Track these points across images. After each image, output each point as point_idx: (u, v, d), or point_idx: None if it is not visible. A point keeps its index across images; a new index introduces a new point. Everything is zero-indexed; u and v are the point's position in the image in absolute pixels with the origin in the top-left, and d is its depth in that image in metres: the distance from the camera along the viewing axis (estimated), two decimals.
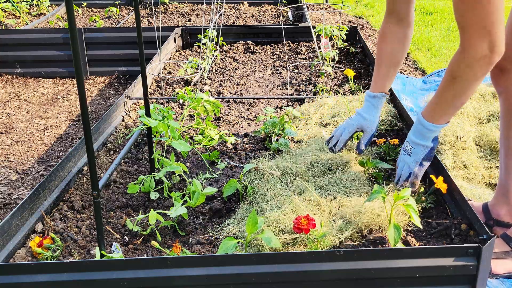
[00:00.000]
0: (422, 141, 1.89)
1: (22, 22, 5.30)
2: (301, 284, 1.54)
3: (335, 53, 3.65)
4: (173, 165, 2.13)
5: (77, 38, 1.37)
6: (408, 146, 1.94)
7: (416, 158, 1.91)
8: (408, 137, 1.95)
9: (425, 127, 1.87)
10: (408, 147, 1.94)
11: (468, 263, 1.53)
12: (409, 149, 1.93)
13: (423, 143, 1.89)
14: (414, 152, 1.92)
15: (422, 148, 1.90)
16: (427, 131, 1.87)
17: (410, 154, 1.93)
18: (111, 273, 1.50)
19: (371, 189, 1.99)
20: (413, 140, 1.92)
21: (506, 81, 1.88)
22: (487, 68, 1.69)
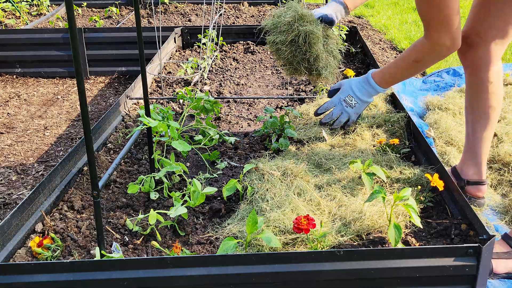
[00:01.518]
0: (367, 98, 2.24)
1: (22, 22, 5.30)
2: (301, 284, 1.54)
3: None
4: (173, 165, 2.13)
5: (77, 38, 1.37)
6: (353, 101, 2.25)
7: (358, 111, 2.28)
8: (353, 93, 2.25)
9: (374, 89, 2.20)
10: (351, 101, 2.26)
11: (468, 263, 1.53)
12: (353, 103, 2.25)
13: (368, 100, 2.25)
14: (358, 106, 2.26)
15: (365, 104, 2.26)
16: (373, 91, 2.21)
17: (353, 107, 2.26)
18: (111, 273, 1.50)
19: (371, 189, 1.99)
20: (359, 97, 2.24)
21: (473, 56, 2.03)
22: (445, 57, 1.96)
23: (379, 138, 2.42)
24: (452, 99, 3.15)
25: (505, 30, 1.95)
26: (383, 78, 2.17)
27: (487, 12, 1.95)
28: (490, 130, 2.10)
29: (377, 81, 2.18)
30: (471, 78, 2.09)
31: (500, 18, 1.94)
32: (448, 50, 1.91)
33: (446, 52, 1.92)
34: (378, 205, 1.88)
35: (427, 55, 1.97)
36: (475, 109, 2.11)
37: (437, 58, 1.98)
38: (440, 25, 1.84)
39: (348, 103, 2.26)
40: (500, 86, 2.06)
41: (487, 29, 1.97)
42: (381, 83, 2.18)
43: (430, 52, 1.95)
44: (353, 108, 2.26)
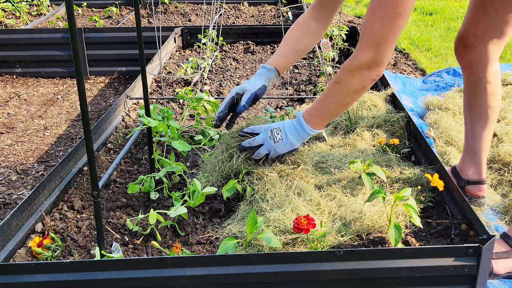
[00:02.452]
0: (294, 140, 1.95)
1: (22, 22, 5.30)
2: (301, 284, 1.54)
3: (335, 53, 3.65)
4: (173, 165, 2.13)
5: (77, 38, 1.37)
6: (278, 135, 1.96)
7: (279, 150, 1.97)
8: (283, 128, 1.97)
9: (304, 129, 1.94)
10: (278, 135, 1.96)
11: (468, 263, 1.53)
12: (277, 138, 1.96)
13: (294, 142, 1.96)
14: (281, 144, 1.96)
15: (289, 146, 1.96)
16: (304, 133, 1.94)
17: (275, 142, 1.96)
18: (111, 273, 1.50)
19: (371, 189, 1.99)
20: (287, 133, 1.96)
21: (470, 57, 2.02)
22: (364, 82, 1.78)
23: (379, 138, 2.42)
24: (452, 99, 3.15)
25: (502, 30, 1.95)
26: (310, 113, 1.93)
27: (483, 12, 1.95)
28: (489, 129, 2.10)
29: (306, 119, 1.93)
30: (469, 78, 2.09)
31: (497, 18, 1.93)
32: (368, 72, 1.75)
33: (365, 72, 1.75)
34: (378, 205, 1.88)
35: (346, 73, 1.80)
36: (473, 109, 2.11)
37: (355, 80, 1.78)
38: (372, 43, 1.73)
39: (274, 135, 1.97)
40: (498, 85, 2.06)
41: (483, 29, 1.97)
42: (309, 121, 1.92)
43: (349, 69, 1.79)
44: (275, 143, 1.96)
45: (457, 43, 2.07)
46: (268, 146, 1.98)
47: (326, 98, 1.90)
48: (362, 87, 1.81)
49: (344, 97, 1.86)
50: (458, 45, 2.07)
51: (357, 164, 1.94)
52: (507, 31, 1.96)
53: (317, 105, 1.93)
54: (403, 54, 4.45)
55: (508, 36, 1.99)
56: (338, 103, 1.89)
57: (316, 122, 1.93)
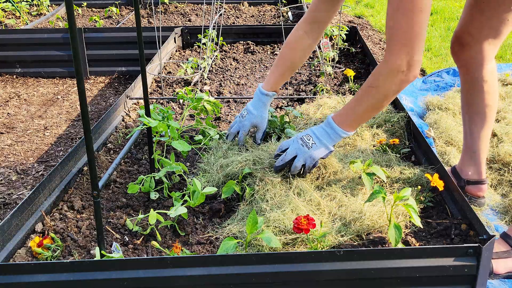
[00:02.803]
0: (328, 143, 1.94)
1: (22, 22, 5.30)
2: (301, 284, 1.54)
3: (335, 53, 3.65)
4: (173, 165, 2.13)
5: (77, 38, 1.37)
6: (310, 140, 1.95)
7: (314, 156, 1.94)
8: (313, 133, 1.96)
9: (336, 132, 1.92)
10: (309, 140, 1.95)
11: (468, 263, 1.53)
12: (310, 144, 1.94)
13: (328, 145, 1.94)
14: (315, 149, 1.94)
15: (324, 149, 1.94)
16: (336, 135, 1.93)
17: (309, 147, 1.94)
18: (111, 273, 1.50)
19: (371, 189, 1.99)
20: (319, 138, 1.95)
21: (466, 56, 2.03)
22: (402, 85, 1.77)
23: (379, 138, 2.42)
24: (452, 99, 3.15)
25: (497, 29, 1.95)
26: (342, 116, 1.93)
27: (479, 12, 1.95)
28: (487, 128, 2.10)
29: (337, 122, 1.92)
30: (465, 77, 2.09)
31: (492, 17, 1.94)
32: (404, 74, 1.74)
33: (401, 76, 1.74)
34: (378, 205, 1.88)
35: (382, 78, 1.79)
36: (471, 109, 2.11)
37: (392, 83, 1.77)
38: (401, 46, 1.71)
39: (305, 141, 1.95)
40: (495, 84, 2.06)
41: (479, 29, 1.97)
42: (341, 123, 1.92)
43: (384, 74, 1.78)
44: (309, 148, 1.93)
45: (453, 42, 2.08)
46: (303, 155, 1.95)
47: (360, 102, 1.88)
48: (398, 90, 1.80)
49: (379, 101, 1.84)
50: (454, 44, 2.07)
51: (357, 164, 1.94)
52: (503, 30, 1.96)
53: (348, 108, 1.91)
54: None
55: (504, 35, 1.99)
56: (372, 106, 1.87)
57: (348, 125, 1.92)
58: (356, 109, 1.90)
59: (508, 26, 1.95)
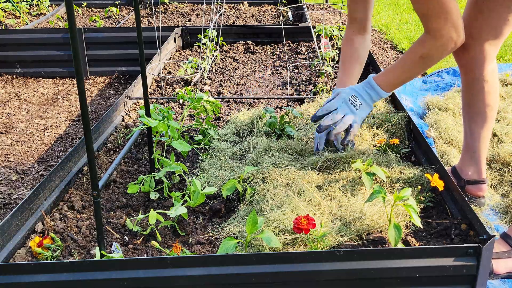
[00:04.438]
0: (371, 102, 2.08)
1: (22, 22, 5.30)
2: (301, 284, 1.54)
3: (335, 53, 3.65)
4: (173, 165, 2.13)
5: (77, 38, 1.37)
6: (357, 101, 2.07)
7: (362, 114, 2.08)
8: (357, 93, 2.08)
9: (377, 92, 2.05)
10: (356, 101, 2.07)
11: (468, 263, 1.53)
12: (358, 104, 2.07)
13: (371, 104, 2.09)
14: (362, 109, 2.07)
15: (369, 108, 2.09)
16: (376, 96, 2.06)
17: (357, 108, 2.07)
18: (111, 273, 1.50)
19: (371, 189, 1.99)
20: (364, 98, 2.07)
21: (467, 56, 2.04)
22: (451, 51, 1.91)
23: (379, 138, 2.42)
24: (452, 99, 3.15)
25: (498, 29, 1.96)
26: (387, 80, 2.05)
27: (479, 12, 1.96)
28: (488, 128, 2.10)
29: (380, 84, 2.05)
30: (466, 77, 2.09)
31: (493, 17, 1.94)
32: (454, 42, 1.86)
33: (452, 44, 1.87)
34: (378, 205, 1.88)
35: (435, 50, 1.89)
36: (472, 108, 2.11)
37: (445, 51, 1.89)
38: (439, 17, 1.81)
39: (353, 103, 2.06)
40: (495, 84, 2.06)
41: (479, 29, 1.97)
42: (385, 86, 2.05)
43: (436, 47, 1.88)
44: (357, 109, 2.06)
45: None
46: (354, 113, 2.06)
47: (407, 69, 1.99)
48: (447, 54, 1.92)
49: (425, 68, 1.98)
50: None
51: (357, 164, 1.94)
52: (503, 30, 1.96)
53: (392, 72, 2.03)
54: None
55: (504, 35, 1.99)
56: (418, 72, 2.01)
57: (390, 87, 2.05)
58: (401, 75, 2.02)
59: (509, 26, 1.95)
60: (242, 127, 2.62)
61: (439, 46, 1.88)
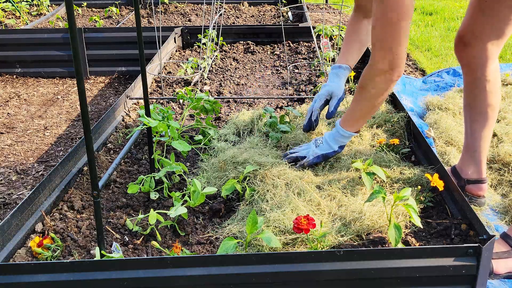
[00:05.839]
0: (331, 143, 2.16)
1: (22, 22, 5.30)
2: (301, 284, 1.54)
3: (335, 53, 3.65)
4: (173, 165, 2.13)
5: (77, 38, 1.37)
6: (319, 141, 2.20)
7: (318, 152, 2.17)
8: (325, 135, 2.20)
9: (338, 131, 2.14)
10: (319, 141, 2.20)
11: (468, 263, 1.53)
12: (319, 143, 2.19)
13: (331, 144, 2.16)
14: (321, 147, 2.17)
15: (328, 147, 2.16)
16: (338, 135, 2.14)
17: (317, 146, 2.19)
18: (111, 273, 1.50)
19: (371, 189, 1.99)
20: (326, 139, 2.18)
21: (469, 56, 2.04)
22: (387, 84, 1.94)
23: (379, 138, 2.42)
24: (452, 99, 3.15)
25: (500, 29, 1.95)
26: (344, 117, 2.13)
27: (482, 11, 1.95)
28: (489, 128, 2.10)
29: (341, 124, 2.13)
30: (468, 77, 2.09)
31: (495, 17, 1.94)
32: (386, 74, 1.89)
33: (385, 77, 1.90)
34: (378, 205, 1.88)
35: (368, 79, 1.96)
36: (473, 108, 2.10)
37: (377, 83, 1.94)
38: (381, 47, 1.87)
39: (317, 142, 2.20)
40: (497, 84, 2.05)
41: (482, 29, 1.97)
42: (343, 124, 2.13)
43: (370, 75, 1.95)
44: (316, 147, 2.18)
45: (457, 42, 2.08)
46: (309, 149, 2.19)
47: (355, 102, 2.07)
48: (385, 88, 1.96)
49: (371, 100, 2.02)
50: (457, 44, 2.07)
51: (357, 164, 1.95)
52: (505, 30, 1.96)
53: (348, 110, 2.12)
54: None
55: (507, 35, 1.98)
56: (366, 106, 2.05)
57: (349, 125, 2.12)
58: (354, 110, 2.10)
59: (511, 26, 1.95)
60: (242, 127, 2.63)
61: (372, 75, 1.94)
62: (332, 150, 2.16)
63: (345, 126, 2.12)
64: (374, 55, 1.91)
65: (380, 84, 1.94)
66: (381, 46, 1.87)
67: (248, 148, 2.35)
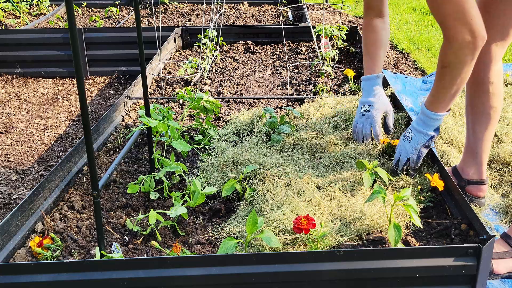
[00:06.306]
0: (424, 129, 2.02)
1: (22, 22, 5.30)
2: (301, 284, 1.54)
3: (335, 53, 3.65)
4: (173, 165, 2.13)
5: (77, 38, 1.37)
6: (409, 133, 2.06)
7: (415, 144, 2.03)
8: (411, 125, 2.07)
9: (427, 116, 1.99)
10: (409, 133, 2.07)
11: (468, 263, 1.53)
12: (410, 136, 2.06)
13: (425, 130, 2.02)
14: (414, 139, 2.04)
15: (423, 135, 2.02)
16: (429, 120, 2.00)
17: (409, 140, 2.06)
18: (111, 273, 1.50)
19: (370, 189, 1.99)
20: (415, 127, 2.04)
21: None
22: (473, 53, 1.82)
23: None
24: None
25: (505, 31, 1.95)
26: (429, 100, 2.01)
27: (487, 13, 1.95)
28: (491, 130, 2.10)
29: (426, 105, 2.01)
30: (471, 78, 2.08)
31: (500, 19, 1.93)
32: (470, 44, 1.79)
33: (469, 48, 1.80)
34: (378, 205, 1.88)
35: (451, 56, 1.84)
36: (475, 109, 2.10)
37: (463, 56, 1.82)
38: (454, 20, 1.77)
39: (406, 137, 2.07)
40: (500, 86, 2.05)
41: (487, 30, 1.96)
42: (429, 106, 2.00)
43: (452, 52, 1.83)
44: (409, 141, 2.05)
45: None
46: (406, 147, 2.07)
47: (441, 82, 1.94)
48: (472, 58, 1.84)
49: (459, 75, 1.88)
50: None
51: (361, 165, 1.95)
52: (510, 32, 1.95)
53: (434, 91, 1.98)
54: (403, 54, 4.45)
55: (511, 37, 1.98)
56: (455, 83, 1.90)
57: (441, 107, 1.98)
58: (442, 90, 1.95)
59: None
60: (242, 127, 2.63)
61: (455, 50, 1.82)
62: (430, 137, 2.02)
63: (436, 109, 1.97)
64: (449, 32, 1.79)
65: (466, 57, 1.81)
66: (452, 18, 1.76)
67: (248, 148, 2.35)
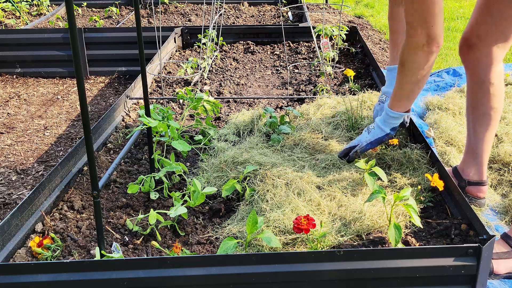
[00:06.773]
0: (382, 125, 2.14)
1: (22, 22, 5.30)
2: (301, 284, 1.54)
3: (335, 53, 3.65)
4: (173, 165, 2.13)
5: (77, 38, 1.37)
6: (372, 126, 2.18)
7: (371, 138, 2.15)
8: (375, 120, 2.19)
9: (386, 113, 2.11)
10: (371, 126, 2.18)
11: (468, 263, 1.53)
12: (371, 129, 2.17)
13: (382, 127, 2.14)
14: (373, 132, 2.16)
15: (380, 131, 2.14)
16: (388, 117, 2.11)
17: (369, 132, 2.17)
18: (111, 273, 1.50)
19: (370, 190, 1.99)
20: (377, 122, 2.16)
21: (474, 58, 2.03)
22: (427, 57, 1.90)
23: None
24: (452, 99, 3.15)
25: (507, 33, 1.94)
26: (391, 99, 2.10)
27: (488, 15, 1.94)
28: (491, 131, 2.10)
29: (389, 105, 2.11)
30: (472, 79, 2.08)
31: (502, 21, 1.93)
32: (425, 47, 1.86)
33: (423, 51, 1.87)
34: (378, 205, 1.88)
35: (407, 55, 1.92)
36: (476, 110, 2.10)
37: (416, 57, 1.90)
38: (417, 21, 1.85)
39: (369, 129, 2.18)
40: (501, 87, 2.05)
41: (488, 31, 1.96)
42: (391, 106, 2.10)
43: (407, 51, 1.91)
44: (369, 133, 2.16)
45: (462, 44, 2.06)
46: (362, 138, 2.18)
47: (399, 81, 2.04)
48: (426, 61, 1.91)
49: (413, 76, 1.97)
50: (462, 46, 2.05)
51: (360, 164, 1.95)
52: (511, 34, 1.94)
53: (394, 90, 2.09)
54: None
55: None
56: (410, 83, 2.00)
57: (397, 105, 2.08)
58: (399, 89, 2.06)
59: None
60: (242, 127, 2.63)
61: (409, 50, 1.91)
62: (384, 134, 2.13)
63: (393, 107, 2.08)
64: (409, 30, 1.88)
65: (420, 58, 1.90)
66: (415, 19, 1.84)
67: (248, 148, 2.35)
